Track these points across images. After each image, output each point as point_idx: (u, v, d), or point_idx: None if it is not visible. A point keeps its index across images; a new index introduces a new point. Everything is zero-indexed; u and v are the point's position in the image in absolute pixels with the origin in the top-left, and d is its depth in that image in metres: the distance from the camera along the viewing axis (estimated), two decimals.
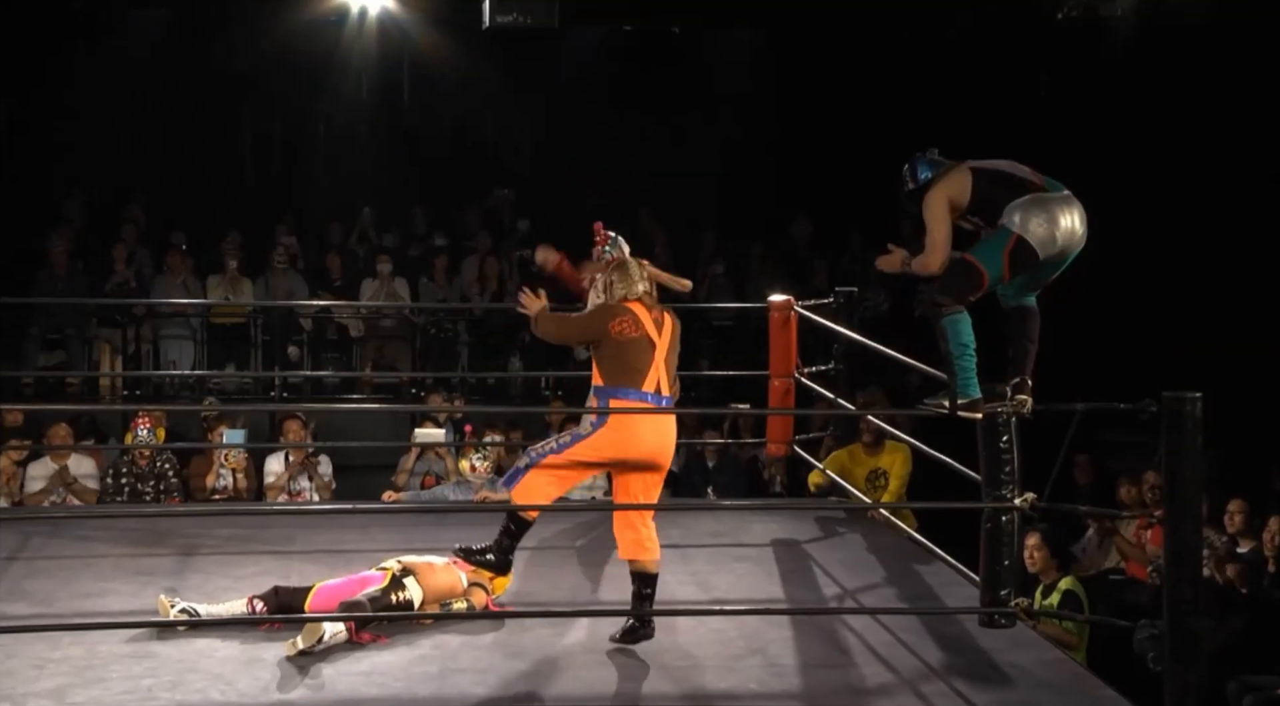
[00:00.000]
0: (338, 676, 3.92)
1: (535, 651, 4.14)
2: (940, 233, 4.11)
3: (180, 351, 9.23)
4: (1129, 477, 6.77)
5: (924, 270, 4.17)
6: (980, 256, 4.06)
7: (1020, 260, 4.02)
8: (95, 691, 3.77)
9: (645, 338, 4.10)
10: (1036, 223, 3.99)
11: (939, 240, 4.11)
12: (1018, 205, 4.02)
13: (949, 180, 4.13)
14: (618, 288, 4.18)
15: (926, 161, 4.24)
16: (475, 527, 5.02)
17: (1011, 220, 4.01)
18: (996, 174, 4.11)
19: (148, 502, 6.54)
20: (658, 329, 4.14)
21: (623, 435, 4.03)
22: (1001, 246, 4.02)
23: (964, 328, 4.09)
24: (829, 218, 10.80)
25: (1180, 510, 3.58)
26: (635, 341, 4.08)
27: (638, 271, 4.22)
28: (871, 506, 5.94)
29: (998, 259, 4.02)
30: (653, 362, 4.07)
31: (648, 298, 4.19)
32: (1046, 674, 4.07)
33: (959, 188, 4.12)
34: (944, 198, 4.12)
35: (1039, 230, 3.99)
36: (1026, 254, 4.01)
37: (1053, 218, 4.00)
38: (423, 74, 11.41)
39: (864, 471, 6.19)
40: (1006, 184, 4.08)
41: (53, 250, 9.18)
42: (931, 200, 4.13)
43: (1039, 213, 4.00)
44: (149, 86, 10.72)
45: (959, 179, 4.12)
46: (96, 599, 4.57)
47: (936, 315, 4.11)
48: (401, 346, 9.56)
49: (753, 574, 5.04)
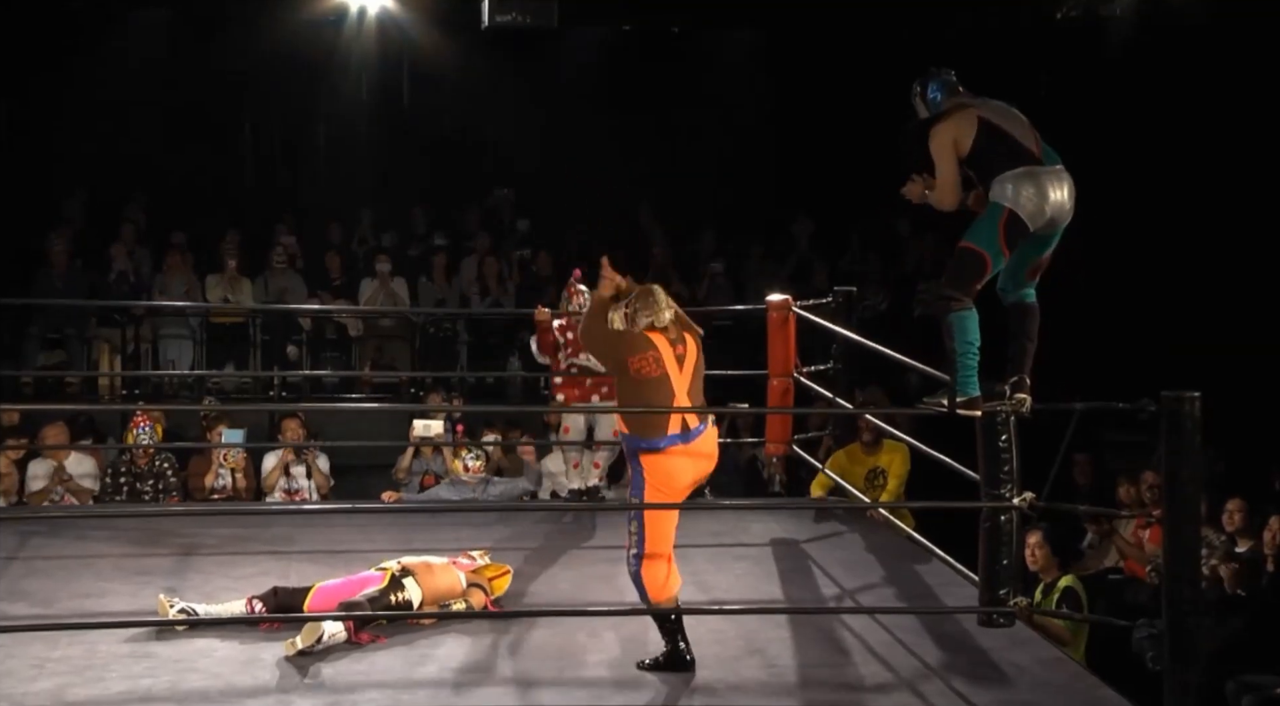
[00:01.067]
0: (336, 676, 3.92)
1: (534, 652, 4.14)
2: (947, 170, 4.10)
3: (179, 351, 9.23)
4: (1128, 477, 6.78)
5: (938, 205, 4.16)
6: (975, 239, 4.06)
7: (1013, 233, 4.02)
8: (94, 691, 3.78)
9: (664, 377, 3.94)
10: (1027, 196, 4.00)
11: (948, 177, 4.10)
12: (1009, 177, 4.02)
13: (956, 121, 4.11)
14: (642, 317, 3.99)
15: (940, 82, 4.21)
16: (473, 528, 5.04)
17: (1003, 194, 4.02)
18: (1000, 133, 4.08)
19: (147, 502, 6.54)
20: (679, 363, 3.99)
21: (665, 485, 3.94)
22: (995, 222, 4.02)
23: (971, 324, 4.08)
24: (828, 218, 10.80)
25: (1179, 509, 3.59)
26: (654, 382, 3.93)
27: (663, 298, 4.03)
28: (871, 506, 5.94)
29: (994, 235, 4.01)
30: (674, 401, 3.94)
31: (673, 327, 4.01)
32: (1045, 673, 4.08)
33: (963, 131, 4.09)
34: (949, 138, 4.10)
35: (1029, 204, 4.00)
36: (1018, 227, 4.02)
37: (1042, 191, 4.01)
38: (422, 74, 11.41)
39: (863, 471, 6.20)
40: (1006, 150, 4.06)
41: (52, 250, 9.18)
42: (936, 139, 4.12)
43: (1029, 186, 4.01)
44: (149, 86, 10.71)
45: (965, 124, 4.10)
46: (95, 599, 4.58)
47: (945, 310, 4.10)
48: (400, 346, 9.56)
49: (752, 573, 5.05)
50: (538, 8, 9.22)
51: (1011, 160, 4.04)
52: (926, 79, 4.25)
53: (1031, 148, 4.07)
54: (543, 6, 9.23)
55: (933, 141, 4.13)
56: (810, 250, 10.74)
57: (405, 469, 7.02)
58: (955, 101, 4.18)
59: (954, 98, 4.20)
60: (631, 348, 3.97)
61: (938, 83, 4.21)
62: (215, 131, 11.34)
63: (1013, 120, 4.13)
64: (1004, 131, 4.08)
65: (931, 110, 4.23)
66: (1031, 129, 4.14)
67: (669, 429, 3.93)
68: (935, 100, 4.20)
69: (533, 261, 10.16)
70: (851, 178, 10.47)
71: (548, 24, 9.30)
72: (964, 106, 4.14)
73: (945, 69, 4.26)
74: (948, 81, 4.21)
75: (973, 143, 4.08)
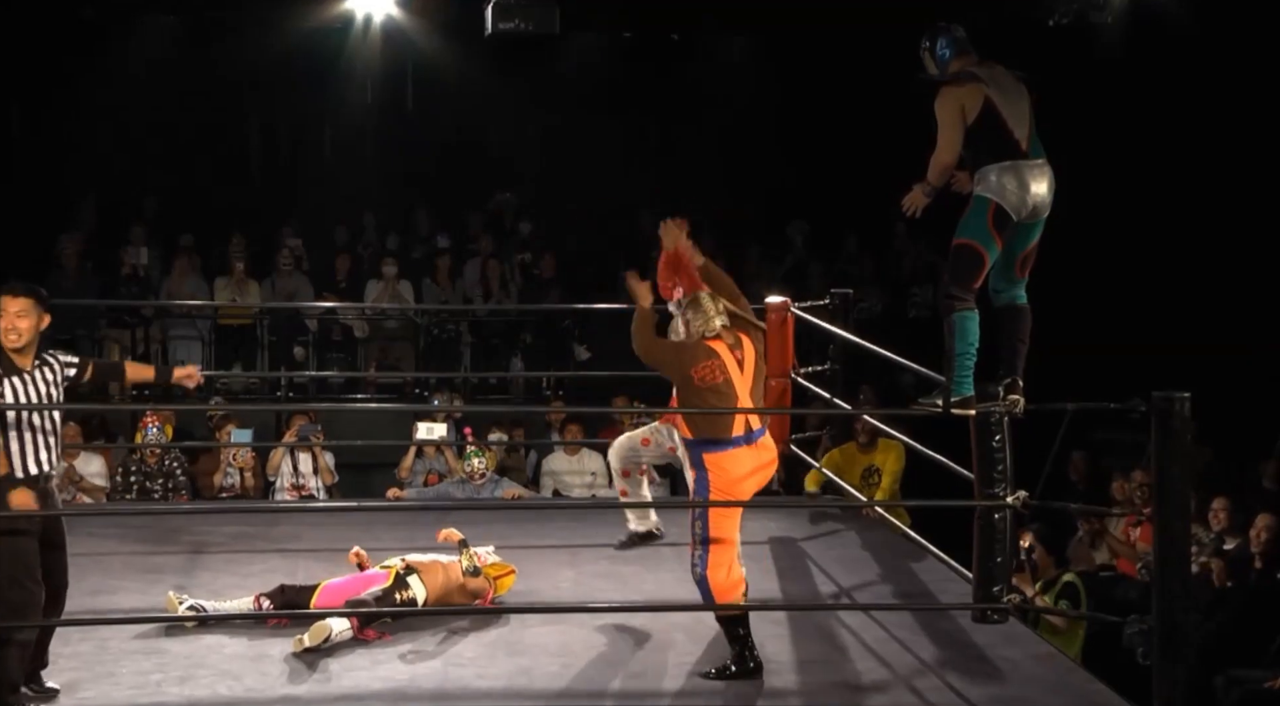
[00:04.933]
0: (343, 672, 3.97)
1: (537, 648, 4.18)
2: (952, 134, 4.05)
3: (188, 352, 9.30)
4: (1121, 475, 6.84)
5: (938, 167, 4.11)
6: (968, 234, 4.10)
7: (1000, 224, 4.07)
8: (105, 686, 3.83)
9: (728, 382, 3.96)
10: (1010, 189, 4.05)
11: (950, 138, 4.05)
12: (993, 169, 4.05)
13: (967, 90, 4.07)
14: (695, 326, 4.03)
15: (950, 38, 4.17)
16: (479, 525, 5.08)
17: (988, 186, 4.06)
18: (997, 121, 4.07)
19: (156, 501, 6.60)
20: (740, 366, 4.01)
21: (729, 486, 3.96)
22: (984, 215, 4.06)
23: (972, 326, 4.11)
24: (825, 221, 10.87)
25: (1169, 507, 3.62)
26: (717, 388, 3.95)
27: (712, 305, 4.05)
28: (867, 504, 5.98)
29: (984, 227, 4.06)
30: (738, 404, 3.97)
31: (727, 332, 4.03)
32: (1039, 669, 4.12)
33: (970, 103, 4.06)
34: (958, 104, 4.05)
35: (1012, 197, 4.05)
36: (1003, 218, 4.07)
37: (1024, 183, 4.05)
38: (426, 79, 11.49)
39: (858, 469, 6.26)
40: (996, 139, 4.07)
41: (63, 252, 9.27)
42: (945, 102, 4.07)
43: (1013, 178, 4.05)
44: (157, 92, 10.79)
45: (973, 99, 4.06)
46: (106, 596, 4.62)
47: (949, 309, 4.13)
48: (405, 347, 9.63)
49: (749, 571, 4.99)
50: (540, 15, 9.27)
51: (998, 153, 4.07)
52: (936, 34, 4.20)
53: (1020, 140, 4.09)
54: (545, 14, 9.28)
55: (939, 104, 4.09)
56: (806, 253, 10.81)
57: (408, 468, 7.09)
58: (965, 67, 4.14)
59: (963, 58, 4.17)
60: (694, 358, 4.00)
61: (948, 38, 4.17)
62: (223, 135, 11.42)
63: (1014, 103, 4.11)
64: (1001, 119, 4.08)
65: (939, 67, 4.20)
66: (1030, 111, 4.14)
67: (734, 430, 3.95)
68: (944, 57, 4.16)
69: (535, 264, 10.24)
70: (847, 181, 10.55)
71: (550, 31, 9.35)
72: (974, 78, 4.10)
73: (955, 25, 4.21)
74: (958, 38, 4.18)
75: (974, 119, 4.06)
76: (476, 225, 10.87)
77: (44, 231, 9.79)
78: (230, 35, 10.60)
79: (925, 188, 4.19)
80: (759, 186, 11.45)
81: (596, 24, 10.75)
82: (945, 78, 4.16)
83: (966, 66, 4.16)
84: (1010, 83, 4.15)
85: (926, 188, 4.18)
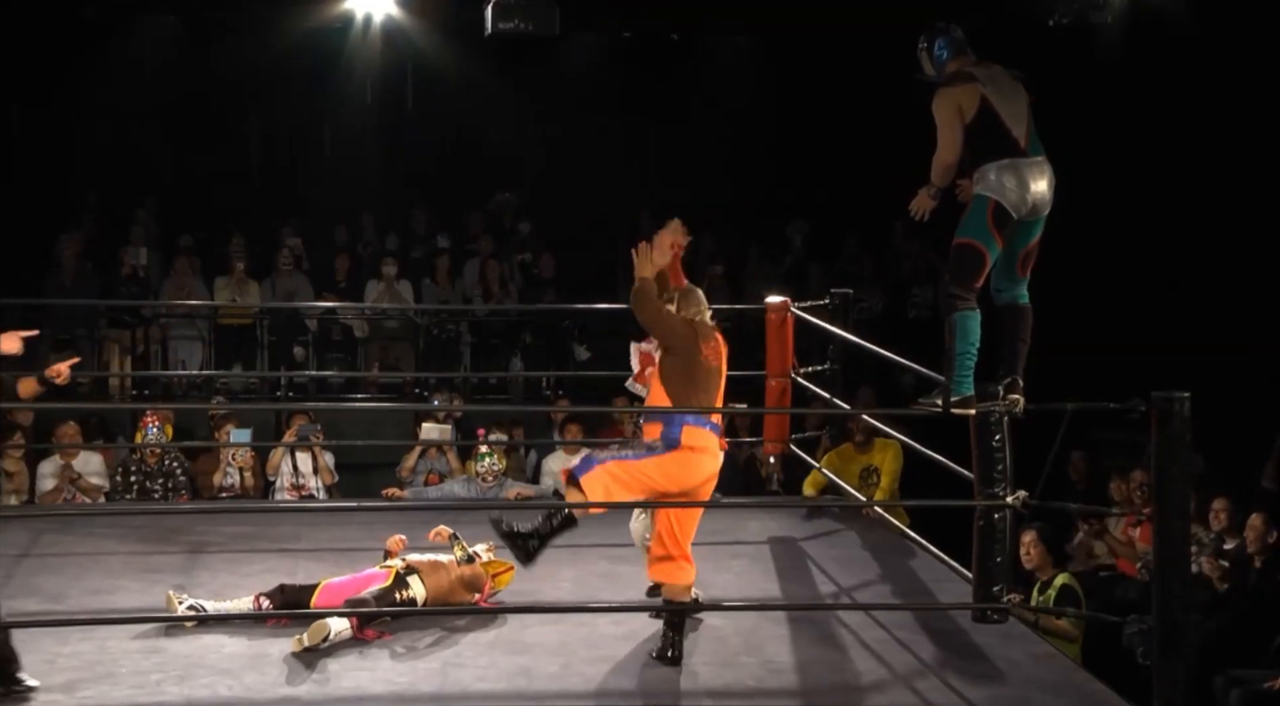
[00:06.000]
0: (342, 672, 3.97)
1: (536, 648, 4.18)
2: (950, 135, 4.08)
3: (189, 352, 9.32)
4: (1121, 475, 6.84)
5: (940, 167, 4.14)
6: (968, 233, 4.11)
7: (1000, 222, 4.08)
8: (105, 686, 3.83)
9: (719, 369, 4.10)
10: (1010, 187, 4.06)
11: (950, 138, 4.08)
12: (992, 168, 4.07)
13: (963, 91, 4.09)
14: (689, 313, 4.13)
15: (948, 39, 4.19)
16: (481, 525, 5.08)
17: (987, 185, 4.07)
18: (995, 120, 4.08)
19: (156, 500, 6.61)
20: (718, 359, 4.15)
21: (690, 464, 4.00)
22: (983, 213, 4.08)
23: (973, 326, 4.12)
24: (825, 221, 10.87)
25: (1169, 507, 3.62)
26: (714, 372, 4.07)
27: (704, 299, 4.19)
28: (867, 504, 5.99)
29: (984, 226, 4.07)
30: (720, 393, 4.08)
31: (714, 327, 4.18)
32: (1039, 669, 4.12)
33: (967, 103, 4.07)
34: (955, 104, 4.08)
35: (1011, 195, 4.06)
36: (1004, 216, 4.08)
37: (1023, 181, 4.07)
38: (426, 79, 11.50)
39: (856, 469, 6.27)
40: (995, 138, 4.08)
41: (63, 252, 9.27)
42: (942, 103, 4.10)
43: (1012, 177, 4.06)
44: (158, 92, 10.80)
45: (970, 100, 4.08)
46: (106, 595, 4.63)
47: (951, 308, 4.15)
48: (405, 347, 9.64)
49: (749, 571, 5.09)
50: (539, 15, 9.29)
51: (997, 151, 4.08)
52: (934, 35, 4.22)
53: (1019, 138, 4.10)
54: (544, 14, 9.30)
55: (937, 105, 4.11)
56: (806, 253, 10.81)
57: (410, 468, 7.09)
58: (962, 67, 4.15)
59: (960, 58, 4.18)
60: (705, 336, 4.10)
61: (945, 39, 4.19)
62: (222, 136, 11.43)
63: (1011, 102, 4.12)
64: (998, 119, 4.09)
65: (936, 68, 4.22)
66: (1028, 110, 4.15)
67: (713, 416, 4.05)
68: (941, 58, 4.18)
69: (534, 264, 10.25)
70: (847, 181, 10.54)
71: (549, 31, 9.37)
72: (970, 79, 4.12)
73: (953, 25, 4.22)
74: (955, 39, 4.19)
75: (971, 119, 4.09)
76: (476, 225, 10.88)
77: (44, 231, 9.80)
78: (230, 35, 10.61)
79: (930, 190, 4.23)
80: (759, 186, 11.46)
81: (596, 24, 10.77)
82: (942, 79, 4.18)
83: (963, 67, 4.17)
84: (1008, 82, 4.16)
85: (931, 190, 4.22)
